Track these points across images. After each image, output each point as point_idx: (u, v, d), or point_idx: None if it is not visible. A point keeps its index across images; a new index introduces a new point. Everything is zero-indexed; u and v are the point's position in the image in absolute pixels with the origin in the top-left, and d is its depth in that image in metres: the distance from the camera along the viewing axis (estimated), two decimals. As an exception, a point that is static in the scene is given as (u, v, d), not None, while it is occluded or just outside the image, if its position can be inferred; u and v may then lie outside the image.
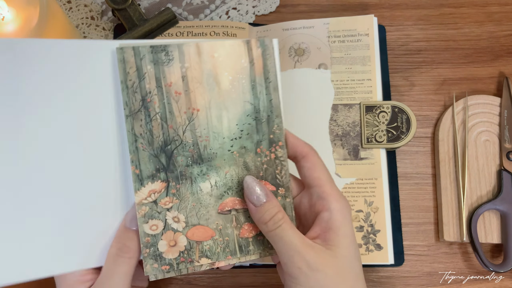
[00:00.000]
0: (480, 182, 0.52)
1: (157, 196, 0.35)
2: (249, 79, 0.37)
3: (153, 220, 0.35)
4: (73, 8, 0.56)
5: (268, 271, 0.51)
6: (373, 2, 0.59)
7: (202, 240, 0.36)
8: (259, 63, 0.37)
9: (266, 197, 0.35)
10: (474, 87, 0.56)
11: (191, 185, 0.36)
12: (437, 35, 0.58)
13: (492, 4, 0.59)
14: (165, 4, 0.58)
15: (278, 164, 0.37)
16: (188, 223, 0.36)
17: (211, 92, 0.36)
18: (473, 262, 0.51)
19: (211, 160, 0.36)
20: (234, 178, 0.37)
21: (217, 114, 0.36)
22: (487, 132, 0.53)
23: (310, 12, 0.58)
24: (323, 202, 0.35)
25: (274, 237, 0.34)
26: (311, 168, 0.37)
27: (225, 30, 0.55)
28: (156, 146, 0.35)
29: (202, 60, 0.36)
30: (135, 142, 0.34)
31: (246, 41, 0.37)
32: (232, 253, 0.36)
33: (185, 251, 0.35)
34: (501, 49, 0.57)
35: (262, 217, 0.35)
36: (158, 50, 0.35)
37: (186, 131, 0.36)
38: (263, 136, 0.37)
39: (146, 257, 0.35)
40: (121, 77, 0.34)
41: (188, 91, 0.36)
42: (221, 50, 0.36)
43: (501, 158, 0.52)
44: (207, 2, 0.58)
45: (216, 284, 0.50)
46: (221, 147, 0.36)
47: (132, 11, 0.53)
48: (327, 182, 0.36)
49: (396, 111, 0.52)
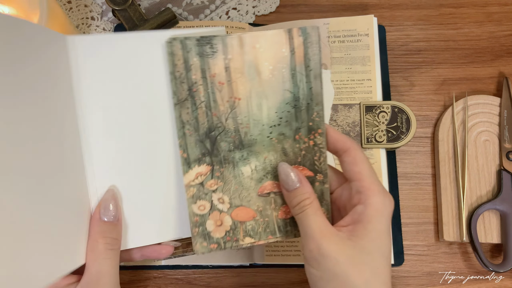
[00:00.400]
0: (480, 182, 0.52)
1: (203, 178, 0.38)
2: (289, 67, 0.38)
3: (200, 200, 0.37)
4: (73, 8, 0.56)
5: (268, 271, 0.51)
6: (373, 2, 0.59)
7: (245, 220, 0.38)
8: (300, 52, 0.38)
9: (299, 183, 0.37)
10: (474, 87, 0.56)
11: (233, 169, 0.38)
12: (437, 35, 0.58)
13: (492, 4, 0.59)
14: (165, 4, 0.58)
15: (317, 151, 0.38)
16: (232, 204, 0.38)
17: (252, 82, 0.38)
18: (473, 262, 0.51)
19: (251, 146, 0.38)
20: (272, 163, 0.38)
21: (257, 102, 0.38)
22: (487, 132, 0.53)
23: (310, 12, 0.58)
24: (360, 196, 0.36)
25: (298, 220, 0.36)
26: (352, 163, 0.37)
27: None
28: (202, 132, 0.38)
29: (244, 52, 0.38)
30: (183, 128, 0.37)
31: (287, 30, 0.38)
32: (272, 233, 0.38)
33: (231, 230, 0.38)
34: (501, 49, 0.57)
35: (291, 201, 0.37)
36: (203, 43, 0.37)
37: (228, 118, 0.38)
38: (302, 124, 0.38)
39: (196, 236, 0.37)
40: (170, 68, 0.37)
41: (230, 81, 0.38)
42: (263, 41, 0.38)
43: (500, 158, 0.52)
44: (207, 2, 0.58)
45: (216, 284, 0.50)
46: (261, 133, 0.38)
47: (132, 11, 0.53)
48: (367, 177, 0.36)
49: (396, 111, 0.52)
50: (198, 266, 0.50)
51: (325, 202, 0.38)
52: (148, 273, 0.51)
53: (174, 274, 0.50)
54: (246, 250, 0.49)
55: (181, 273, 0.51)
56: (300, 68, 0.38)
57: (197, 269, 0.50)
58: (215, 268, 0.50)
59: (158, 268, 0.50)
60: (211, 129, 0.38)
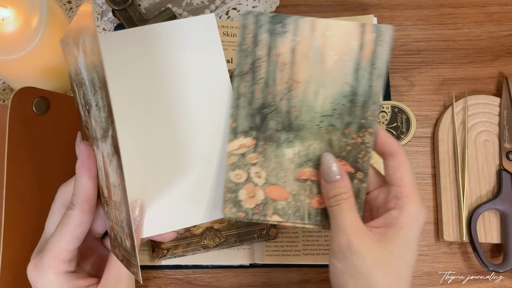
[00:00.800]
0: (479, 182, 0.52)
1: (246, 150, 0.39)
2: (354, 61, 0.38)
3: (238, 170, 0.38)
4: (73, 8, 0.56)
5: (268, 271, 0.51)
6: (373, 2, 0.59)
7: (277, 199, 0.39)
8: (369, 48, 0.38)
9: (339, 176, 0.37)
10: (473, 87, 0.56)
11: (276, 148, 0.39)
12: (436, 35, 0.58)
13: (492, 4, 0.59)
14: (165, 4, 0.58)
15: (363, 149, 0.38)
16: (267, 181, 0.39)
17: (314, 68, 0.38)
18: (473, 262, 0.51)
19: (299, 130, 0.39)
20: (316, 152, 0.39)
21: (315, 89, 0.38)
22: (487, 132, 0.53)
23: (310, 12, 0.58)
24: (397, 201, 0.36)
25: (332, 212, 0.37)
26: (396, 168, 0.37)
27: (225, 30, 0.55)
28: (254, 107, 0.38)
29: (313, 37, 0.38)
30: (238, 99, 0.38)
31: (361, 24, 0.38)
32: (301, 218, 0.39)
33: (261, 204, 0.38)
34: (501, 49, 0.57)
35: (328, 192, 0.37)
36: (276, 21, 0.38)
37: (283, 99, 0.38)
38: (354, 119, 0.38)
39: (227, 201, 0.38)
40: (239, 40, 0.38)
41: (293, 63, 0.38)
42: (334, 30, 0.38)
43: (500, 158, 0.52)
44: (207, 2, 0.58)
45: (216, 284, 0.50)
46: (311, 120, 0.39)
47: (132, 11, 0.53)
48: (408, 184, 0.37)
49: (396, 111, 0.52)
50: (198, 266, 0.50)
51: (359, 200, 0.38)
52: (148, 273, 0.51)
53: (174, 274, 0.51)
54: (246, 250, 0.49)
55: (181, 273, 0.51)
56: (365, 64, 0.38)
57: (197, 269, 0.50)
58: (215, 268, 0.50)
59: (158, 268, 0.50)
60: (264, 106, 0.38)
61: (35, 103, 0.44)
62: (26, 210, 0.42)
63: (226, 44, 0.55)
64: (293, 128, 0.39)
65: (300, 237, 0.49)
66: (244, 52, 0.38)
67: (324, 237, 0.50)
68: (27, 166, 0.43)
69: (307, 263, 0.49)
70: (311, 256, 0.49)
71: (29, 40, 0.43)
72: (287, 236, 0.49)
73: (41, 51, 0.45)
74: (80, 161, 0.36)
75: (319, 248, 0.49)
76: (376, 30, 0.38)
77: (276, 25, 0.38)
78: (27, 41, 0.43)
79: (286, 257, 0.49)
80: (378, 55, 0.38)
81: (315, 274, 0.51)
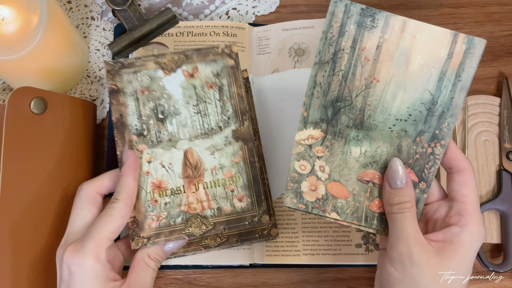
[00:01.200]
0: (480, 182, 0.52)
1: (313, 142, 0.38)
2: (439, 70, 0.37)
3: (304, 161, 0.38)
4: (73, 8, 0.56)
5: (268, 271, 0.51)
6: (373, 2, 0.59)
7: (337, 196, 0.38)
8: (457, 59, 0.37)
9: (405, 184, 0.37)
10: (474, 87, 0.56)
11: (344, 144, 0.38)
12: (437, 35, 0.58)
13: (492, 4, 0.59)
14: (165, 4, 0.58)
15: (431, 160, 0.38)
16: (330, 176, 0.38)
17: (397, 69, 0.37)
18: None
19: (369, 130, 0.38)
20: (383, 155, 0.38)
21: (394, 91, 0.38)
22: (487, 132, 0.53)
23: (310, 12, 0.58)
24: (459, 218, 0.36)
25: (393, 220, 0.36)
26: (462, 184, 0.37)
27: (225, 31, 0.55)
28: (328, 98, 0.38)
29: (402, 37, 0.37)
30: (313, 88, 0.38)
31: (454, 33, 0.37)
32: (358, 219, 0.38)
33: (321, 199, 0.38)
34: (501, 49, 0.57)
35: (391, 199, 0.37)
36: (366, 14, 0.37)
37: (359, 95, 0.38)
38: (428, 128, 0.38)
39: (289, 190, 0.38)
40: (325, 27, 0.37)
41: (376, 60, 0.37)
42: (425, 34, 0.37)
43: (500, 158, 0.52)
44: (207, 2, 0.58)
45: (216, 284, 0.50)
46: (384, 122, 0.38)
47: (132, 11, 0.53)
48: (472, 202, 0.37)
49: (396, 111, 0.52)
50: (198, 266, 0.50)
51: (417, 211, 0.38)
52: (148, 273, 0.51)
53: (174, 274, 0.50)
54: (246, 250, 0.49)
55: (181, 273, 0.51)
56: (450, 75, 0.37)
57: (197, 269, 0.50)
58: (215, 268, 0.50)
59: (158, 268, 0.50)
60: (338, 99, 0.38)
61: (32, 103, 0.44)
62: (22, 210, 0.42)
63: (226, 44, 0.55)
64: (364, 127, 0.38)
65: (300, 237, 0.49)
66: (328, 40, 0.37)
67: (324, 237, 0.50)
68: (23, 166, 0.43)
69: (307, 263, 0.49)
70: (311, 256, 0.49)
71: (29, 40, 0.43)
72: (287, 236, 0.49)
73: (41, 51, 0.45)
74: (128, 164, 0.41)
75: (319, 248, 0.49)
76: (468, 41, 0.37)
77: (366, 18, 0.37)
78: (27, 41, 0.43)
79: (286, 257, 0.49)
80: (465, 67, 0.37)
81: (315, 274, 0.50)
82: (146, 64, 0.45)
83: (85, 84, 0.54)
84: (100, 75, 0.55)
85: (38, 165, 0.44)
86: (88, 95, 0.54)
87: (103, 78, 0.55)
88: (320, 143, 0.38)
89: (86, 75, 0.55)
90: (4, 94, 0.53)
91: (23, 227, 0.42)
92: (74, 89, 0.54)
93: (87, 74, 0.55)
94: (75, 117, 0.47)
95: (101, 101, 0.54)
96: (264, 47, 0.56)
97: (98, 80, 0.55)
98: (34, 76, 0.48)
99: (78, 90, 0.54)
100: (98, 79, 0.55)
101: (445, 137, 0.37)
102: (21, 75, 0.48)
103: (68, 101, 0.47)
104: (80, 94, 0.54)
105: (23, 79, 0.48)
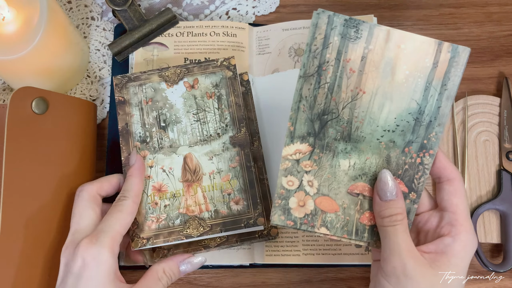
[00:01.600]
0: (479, 182, 0.52)
1: (300, 156, 0.38)
2: (425, 79, 0.37)
3: (291, 176, 0.38)
4: (73, 8, 0.56)
5: (268, 271, 0.51)
6: (373, 2, 0.59)
7: (327, 211, 0.38)
8: (442, 68, 0.37)
9: (396, 196, 0.36)
10: (473, 87, 0.56)
11: (332, 158, 0.38)
12: (436, 35, 0.58)
13: (492, 4, 0.59)
14: (165, 5, 0.58)
15: (420, 170, 0.38)
16: (319, 191, 0.38)
17: (383, 80, 0.37)
18: (473, 262, 0.51)
19: (358, 142, 0.38)
20: (372, 167, 0.38)
21: (380, 102, 0.37)
22: (487, 132, 0.53)
23: (310, 12, 0.58)
24: (451, 229, 0.36)
25: (385, 233, 0.36)
26: (452, 193, 0.37)
27: (225, 31, 0.55)
28: (315, 112, 0.37)
29: (387, 47, 0.37)
30: (299, 102, 0.37)
31: (438, 42, 0.37)
32: (348, 233, 0.38)
33: (310, 215, 0.38)
34: (501, 49, 0.57)
35: (382, 211, 0.36)
36: (350, 25, 0.36)
37: (346, 107, 0.37)
38: (416, 138, 0.37)
39: (276, 207, 0.38)
40: (309, 40, 0.37)
41: (362, 71, 0.37)
42: (410, 44, 0.37)
43: (500, 158, 0.52)
44: (207, 2, 0.58)
45: (216, 284, 0.50)
46: (372, 133, 0.38)
47: (132, 11, 0.53)
48: (463, 211, 0.37)
49: (396, 111, 0.52)
50: (198, 266, 0.50)
51: (408, 222, 0.38)
52: (148, 273, 0.51)
53: (174, 274, 0.50)
54: (246, 250, 0.49)
55: (181, 273, 0.51)
56: (436, 84, 0.37)
57: (197, 269, 0.50)
58: (215, 268, 0.50)
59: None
60: (325, 112, 0.37)
61: (34, 103, 0.44)
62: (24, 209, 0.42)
63: (226, 45, 0.55)
64: (352, 139, 0.38)
65: (300, 237, 0.49)
66: (312, 53, 0.37)
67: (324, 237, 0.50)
68: (25, 166, 0.43)
69: (307, 263, 0.49)
70: (311, 256, 0.49)
71: (29, 40, 0.43)
72: (287, 236, 0.49)
73: (41, 51, 0.45)
74: (136, 166, 0.43)
75: (319, 248, 0.49)
76: (452, 50, 0.37)
77: (350, 29, 0.36)
78: (27, 41, 0.43)
79: (286, 257, 0.49)
80: (451, 76, 0.37)
81: (315, 274, 0.51)
82: (151, 78, 0.48)
83: (85, 84, 0.54)
84: (100, 75, 0.55)
85: (40, 164, 0.44)
86: (88, 95, 0.54)
87: (103, 78, 0.55)
88: (308, 157, 0.38)
89: (86, 75, 0.55)
90: (4, 94, 0.53)
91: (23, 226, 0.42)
92: (74, 89, 0.54)
93: (87, 74, 0.55)
94: (76, 117, 0.47)
95: (101, 101, 0.55)
96: (264, 47, 0.56)
97: (98, 80, 0.55)
98: (34, 76, 0.49)
99: (78, 90, 0.54)
100: (98, 79, 0.55)
101: (433, 147, 0.37)
102: (21, 75, 0.48)
103: (69, 101, 0.47)
104: (80, 94, 0.54)
105: (23, 79, 0.48)
